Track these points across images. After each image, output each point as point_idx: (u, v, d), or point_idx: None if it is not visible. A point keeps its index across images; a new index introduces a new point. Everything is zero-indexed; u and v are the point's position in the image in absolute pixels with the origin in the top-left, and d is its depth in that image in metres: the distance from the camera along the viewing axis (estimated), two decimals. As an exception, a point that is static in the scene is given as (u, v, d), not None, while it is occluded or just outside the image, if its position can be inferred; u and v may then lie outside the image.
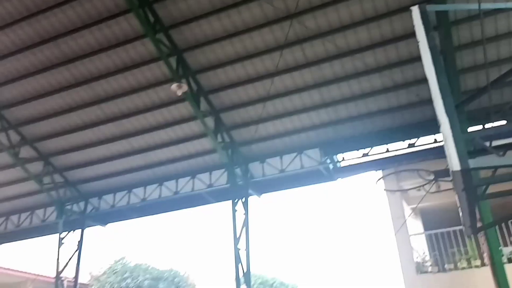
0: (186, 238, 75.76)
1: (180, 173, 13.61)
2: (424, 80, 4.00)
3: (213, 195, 13.69)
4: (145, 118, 12.26)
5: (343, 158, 12.42)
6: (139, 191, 14.22)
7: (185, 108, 11.72)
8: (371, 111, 11.41)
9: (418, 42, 3.93)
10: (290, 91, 11.27)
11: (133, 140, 12.94)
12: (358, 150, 12.04)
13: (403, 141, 11.58)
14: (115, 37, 10.68)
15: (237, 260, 11.72)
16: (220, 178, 13.07)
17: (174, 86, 10.16)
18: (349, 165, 12.48)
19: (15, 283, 21.67)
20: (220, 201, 13.85)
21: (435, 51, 3.89)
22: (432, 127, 6.89)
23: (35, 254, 23.94)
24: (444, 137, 3.55)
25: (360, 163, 12.24)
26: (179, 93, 10.27)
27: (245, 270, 11.73)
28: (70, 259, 14.61)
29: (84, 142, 13.20)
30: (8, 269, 20.33)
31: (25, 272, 20.46)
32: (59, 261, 14.49)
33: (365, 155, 11.96)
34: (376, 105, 11.30)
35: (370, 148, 11.90)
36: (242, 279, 11.75)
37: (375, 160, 12.04)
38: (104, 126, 12.62)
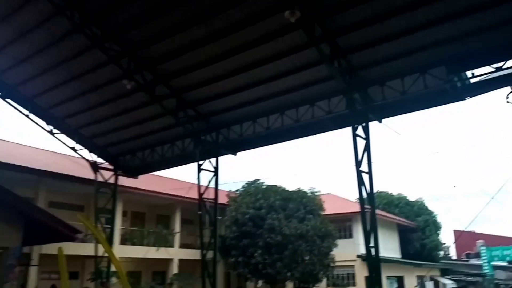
0: (312, 160, 77.34)
1: (299, 102, 13.51)
2: None
3: (332, 122, 13.38)
4: (262, 49, 12.04)
5: (473, 74, 11.00)
6: (263, 120, 14.55)
7: (299, 36, 11.27)
8: (505, 19, 9.76)
9: None
10: (411, 5, 9.96)
11: (253, 72, 12.97)
12: (490, 64, 10.55)
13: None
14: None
15: (360, 182, 11.52)
16: (339, 104, 12.68)
17: (287, 13, 9.78)
18: (480, 81, 11.05)
19: (166, 205, 24.47)
20: (340, 128, 13.51)
21: None
22: None
23: (181, 180, 26.55)
24: None
25: (493, 78, 10.75)
26: (293, 20, 9.88)
27: (368, 192, 11.55)
28: (209, 183, 15.88)
29: (210, 77, 13.57)
30: (160, 193, 22.91)
31: (174, 195, 22.89)
32: (200, 185, 15.85)
33: (498, 69, 10.43)
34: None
35: (504, 61, 10.33)
36: (366, 200, 11.63)
37: (510, 74, 10.50)
38: (226, 61, 12.74)
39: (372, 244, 11.19)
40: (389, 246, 30.95)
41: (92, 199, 19.29)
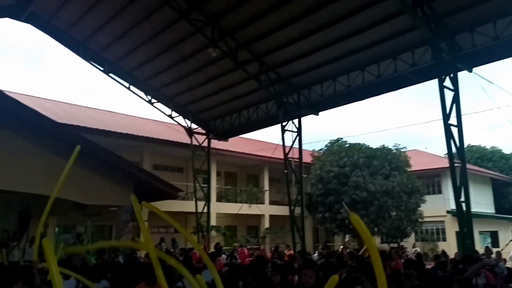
0: (395, 116, 73.53)
1: (381, 56, 12.55)
2: None
3: (417, 75, 12.32)
4: (340, 5, 11.30)
5: None
6: (343, 78, 13.85)
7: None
8: None
9: None
10: None
11: (331, 30, 12.26)
12: None
13: None
14: None
15: (448, 136, 10.54)
16: (424, 55, 11.57)
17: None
18: None
19: (255, 165, 24.90)
20: (426, 80, 12.44)
21: None
22: None
23: (267, 141, 26.73)
24: None
25: None
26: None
27: (458, 146, 10.57)
28: (293, 143, 15.70)
29: (288, 38, 13.11)
30: (249, 154, 23.34)
31: (261, 156, 23.17)
32: (284, 145, 15.76)
33: None
34: None
35: None
36: (455, 155, 10.68)
37: None
38: (303, 21, 12.16)
39: (462, 199, 10.34)
40: (481, 201, 28.75)
41: (189, 161, 20.17)
